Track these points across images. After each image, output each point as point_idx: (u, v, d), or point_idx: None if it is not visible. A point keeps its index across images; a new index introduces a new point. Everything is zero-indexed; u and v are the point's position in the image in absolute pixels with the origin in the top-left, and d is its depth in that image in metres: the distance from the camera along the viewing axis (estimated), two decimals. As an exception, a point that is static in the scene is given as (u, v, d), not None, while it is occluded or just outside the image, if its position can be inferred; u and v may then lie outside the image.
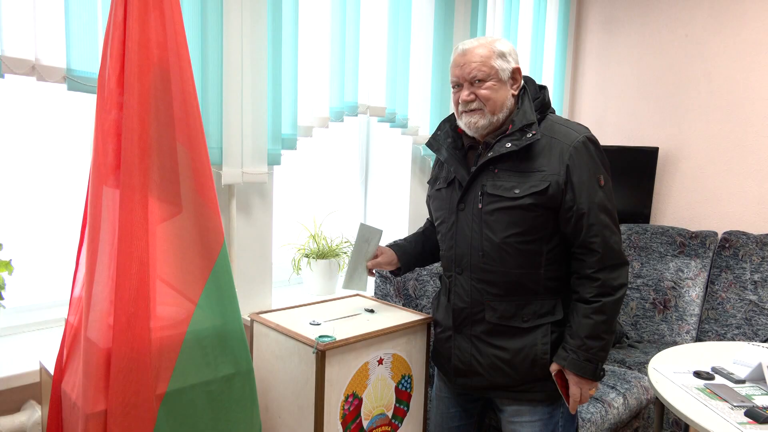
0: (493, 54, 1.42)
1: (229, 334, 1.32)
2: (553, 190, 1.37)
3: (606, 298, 1.36)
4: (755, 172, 2.80)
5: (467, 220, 1.46)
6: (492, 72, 1.41)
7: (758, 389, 1.62)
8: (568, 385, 1.41)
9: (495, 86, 1.42)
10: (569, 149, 1.38)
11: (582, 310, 1.38)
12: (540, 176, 1.38)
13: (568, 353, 1.38)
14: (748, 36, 2.79)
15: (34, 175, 1.69)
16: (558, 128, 1.43)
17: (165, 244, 1.24)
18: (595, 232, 1.37)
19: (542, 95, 1.49)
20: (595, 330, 1.36)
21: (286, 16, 1.88)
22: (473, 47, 1.43)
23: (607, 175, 1.42)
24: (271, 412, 1.67)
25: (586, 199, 1.37)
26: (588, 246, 1.37)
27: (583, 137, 1.40)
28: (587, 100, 3.40)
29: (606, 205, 1.39)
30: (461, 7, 2.52)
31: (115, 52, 1.19)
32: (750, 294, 2.57)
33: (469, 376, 1.51)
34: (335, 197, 2.56)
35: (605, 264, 1.37)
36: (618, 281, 1.38)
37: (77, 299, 1.30)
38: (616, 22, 3.25)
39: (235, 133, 1.77)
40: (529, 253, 1.41)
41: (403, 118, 2.35)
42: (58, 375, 1.31)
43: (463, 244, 1.47)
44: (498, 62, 1.42)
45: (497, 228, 1.41)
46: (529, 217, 1.39)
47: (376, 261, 1.67)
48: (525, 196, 1.38)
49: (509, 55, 1.44)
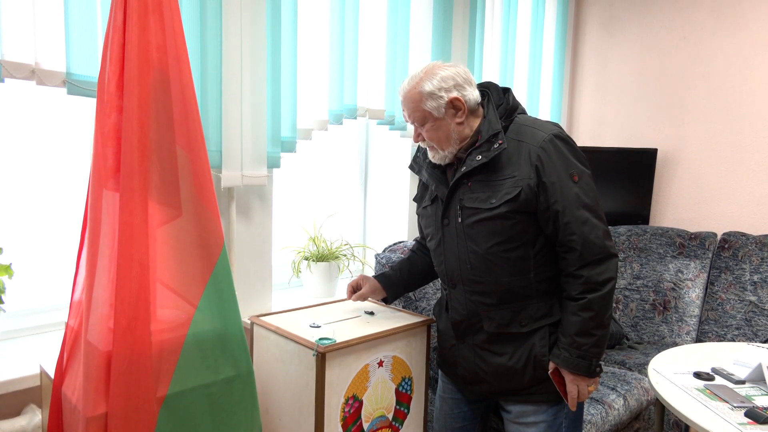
0: (421, 97, 1.40)
1: (229, 336, 1.32)
2: (525, 194, 1.36)
3: (591, 294, 1.35)
4: (754, 172, 2.81)
5: (452, 235, 1.47)
6: (426, 114, 1.41)
7: (758, 390, 1.62)
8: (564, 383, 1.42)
9: (434, 126, 1.41)
10: (536, 150, 1.36)
11: (570, 307, 1.38)
12: (511, 183, 1.37)
13: (561, 351, 1.39)
14: (747, 37, 2.80)
15: (33, 178, 1.69)
16: (525, 130, 1.41)
17: (165, 247, 1.24)
18: (572, 229, 1.35)
19: (506, 99, 1.46)
20: (584, 327, 1.36)
21: (285, 19, 1.89)
22: (405, 91, 1.43)
23: (583, 169, 1.39)
24: (272, 415, 1.67)
25: (560, 198, 1.35)
26: (567, 244, 1.37)
27: (549, 135, 1.37)
28: (586, 102, 3.41)
29: (583, 200, 1.36)
30: (459, 9, 2.52)
31: (115, 56, 1.20)
32: (750, 295, 2.57)
33: (478, 384, 1.54)
34: (335, 200, 2.57)
35: (587, 260, 1.36)
36: (603, 276, 1.36)
37: (77, 303, 1.30)
38: (615, 24, 3.25)
39: (234, 136, 1.77)
40: (516, 260, 1.41)
41: (401, 121, 2.35)
42: (59, 378, 1.31)
43: (452, 258, 1.48)
44: (428, 103, 1.40)
45: (480, 239, 1.42)
46: (509, 225, 1.38)
47: (360, 293, 1.72)
48: (500, 204, 1.37)
49: (439, 90, 1.39)
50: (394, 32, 2.26)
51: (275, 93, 1.88)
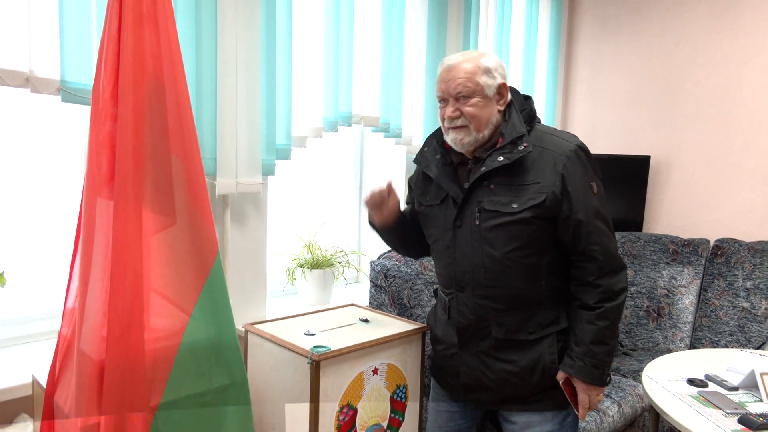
0: (479, 70, 1.39)
1: (223, 345, 1.31)
2: (550, 201, 1.36)
3: (608, 303, 1.37)
4: (747, 179, 2.83)
5: (466, 238, 1.44)
6: (477, 88, 1.39)
7: (751, 396, 1.63)
8: (575, 393, 1.41)
9: (480, 103, 1.39)
10: (562, 159, 1.38)
11: (585, 316, 1.38)
12: (536, 188, 1.37)
13: (575, 361, 1.38)
14: (739, 44, 2.83)
15: (27, 186, 1.69)
16: (548, 138, 1.42)
17: (159, 255, 1.24)
18: (594, 239, 1.37)
19: (528, 106, 1.47)
20: (600, 335, 1.36)
21: (280, 26, 1.90)
22: (458, 62, 1.41)
23: (599, 182, 1.42)
24: (266, 423, 1.66)
25: (583, 208, 1.37)
26: (588, 254, 1.37)
27: (574, 146, 1.40)
28: (579, 109, 3.43)
29: (601, 212, 1.39)
30: (454, 19, 2.54)
31: (110, 63, 1.20)
32: (742, 301, 2.59)
33: (480, 392, 1.50)
34: (330, 207, 2.57)
35: (606, 270, 1.37)
36: (619, 286, 1.38)
37: (70, 311, 1.30)
38: (608, 31, 3.28)
39: (229, 144, 1.77)
40: (531, 266, 1.40)
41: (396, 128, 2.36)
42: (51, 388, 1.30)
43: (464, 261, 1.45)
44: (483, 78, 1.39)
45: (498, 244, 1.40)
46: (529, 231, 1.38)
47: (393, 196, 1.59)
48: (524, 210, 1.36)
49: (495, 70, 1.41)
50: (388, 40, 2.27)
51: (270, 100, 1.88)
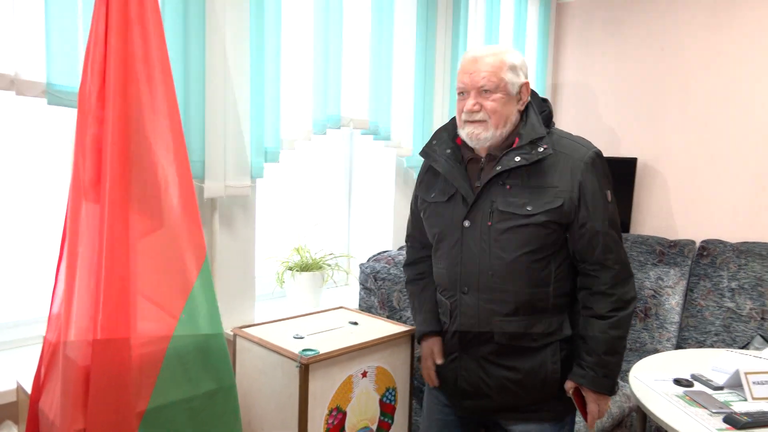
0: (505, 65, 1.35)
1: (211, 349, 1.31)
2: (567, 207, 1.34)
3: (621, 313, 1.35)
4: (731, 181, 2.87)
5: (475, 238, 1.38)
6: (501, 84, 1.34)
7: (736, 395, 1.65)
8: (584, 402, 1.39)
9: (502, 99, 1.35)
10: (581, 165, 1.35)
11: (598, 326, 1.35)
12: (553, 193, 1.34)
13: (586, 371, 1.36)
14: (724, 48, 2.87)
15: (12, 189, 1.67)
16: (565, 142, 1.39)
17: (146, 260, 1.23)
18: (609, 249, 1.36)
19: (547, 108, 1.44)
20: (612, 345, 1.35)
21: (268, 28, 1.89)
22: (484, 55, 1.36)
23: (612, 190, 1.41)
24: (254, 428, 1.65)
25: (600, 217, 1.35)
26: (603, 263, 1.36)
27: (593, 153, 1.38)
28: (566, 112, 3.46)
29: (615, 221, 1.39)
30: (442, 21, 2.55)
31: (97, 66, 1.19)
32: (728, 301, 2.62)
33: (477, 399, 1.45)
34: (319, 210, 2.56)
35: (619, 279, 1.36)
36: (629, 295, 1.38)
37: (56, 316, 1.28)
38: (595, 35, 3.31)
39: (217, 147, 1.76)
40: (539, 271, 1.37)
41: (386, 131, 2.36)
42: (36, 394, 1.29)
43: (471, 263, 1.39)
44: (509, 75, 1.35)
45: (509, 247, 1.35)
46: (542, 235, 1.35)
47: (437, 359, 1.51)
48: (539, 213, 1.33)
49: (520, 68, 1.38)
50: (378, 42, 2.28)
51: (258, 103, 1.88)
